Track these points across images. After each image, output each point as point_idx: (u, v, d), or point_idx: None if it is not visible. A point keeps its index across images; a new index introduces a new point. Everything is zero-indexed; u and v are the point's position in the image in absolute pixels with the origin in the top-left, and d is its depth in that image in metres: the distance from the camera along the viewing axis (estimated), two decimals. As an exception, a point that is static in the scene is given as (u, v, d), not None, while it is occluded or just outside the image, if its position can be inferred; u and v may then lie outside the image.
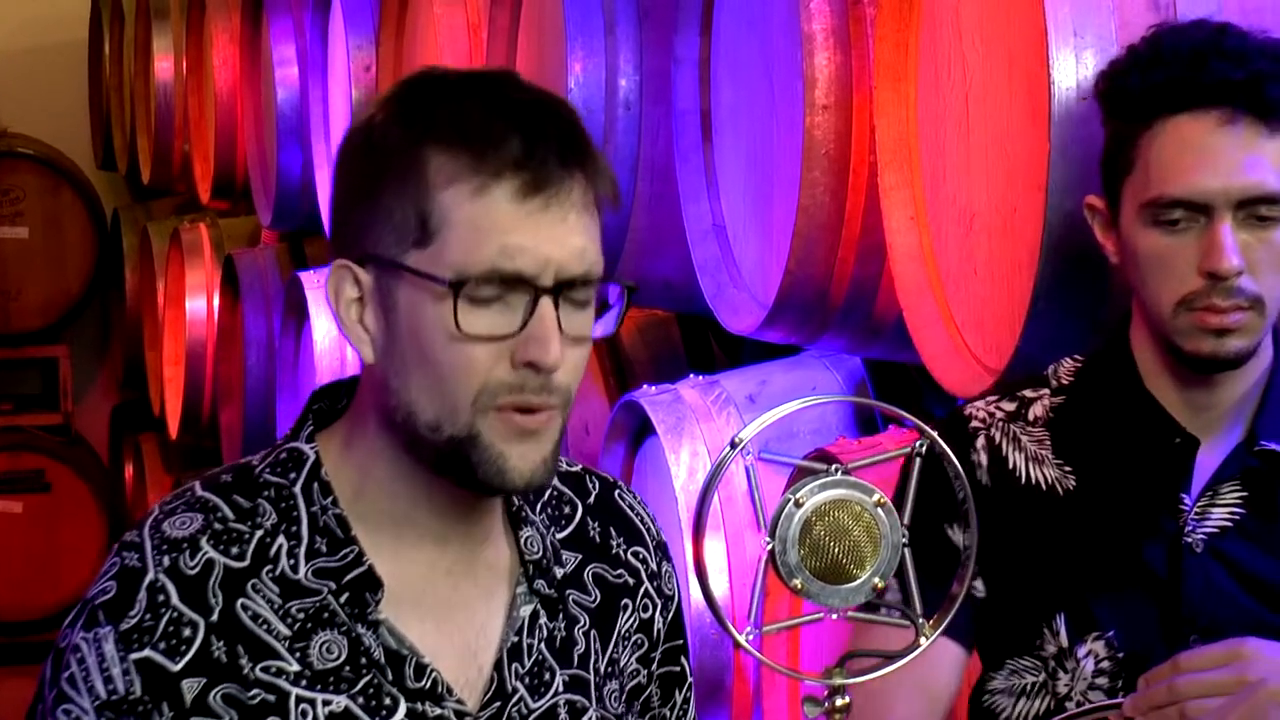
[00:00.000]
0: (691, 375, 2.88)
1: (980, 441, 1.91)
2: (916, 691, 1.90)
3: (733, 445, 1.61)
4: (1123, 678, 1.84)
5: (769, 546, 1.58)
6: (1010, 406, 1.93)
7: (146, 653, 1.43)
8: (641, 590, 1.63)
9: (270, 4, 4.92)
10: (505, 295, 1.43)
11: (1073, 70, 1.97)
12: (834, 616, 1.59)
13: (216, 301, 5.78)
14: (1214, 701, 1.71)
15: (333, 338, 4.42)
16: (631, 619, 1.61)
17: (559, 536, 1.59)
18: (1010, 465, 1.91)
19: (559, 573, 1.56)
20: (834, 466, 1.60)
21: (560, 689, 1.54)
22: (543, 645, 1.54)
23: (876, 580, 1.59)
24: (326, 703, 1.46)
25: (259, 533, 1.48)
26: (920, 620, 1.61)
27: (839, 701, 1.63)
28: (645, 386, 2.86)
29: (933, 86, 2.31)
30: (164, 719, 1.43)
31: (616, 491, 1.65)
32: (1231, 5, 2.00)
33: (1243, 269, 1.76)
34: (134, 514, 6.90)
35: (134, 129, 6.89)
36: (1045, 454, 1.89)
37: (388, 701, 1.47)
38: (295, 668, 1.46)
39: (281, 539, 1.48)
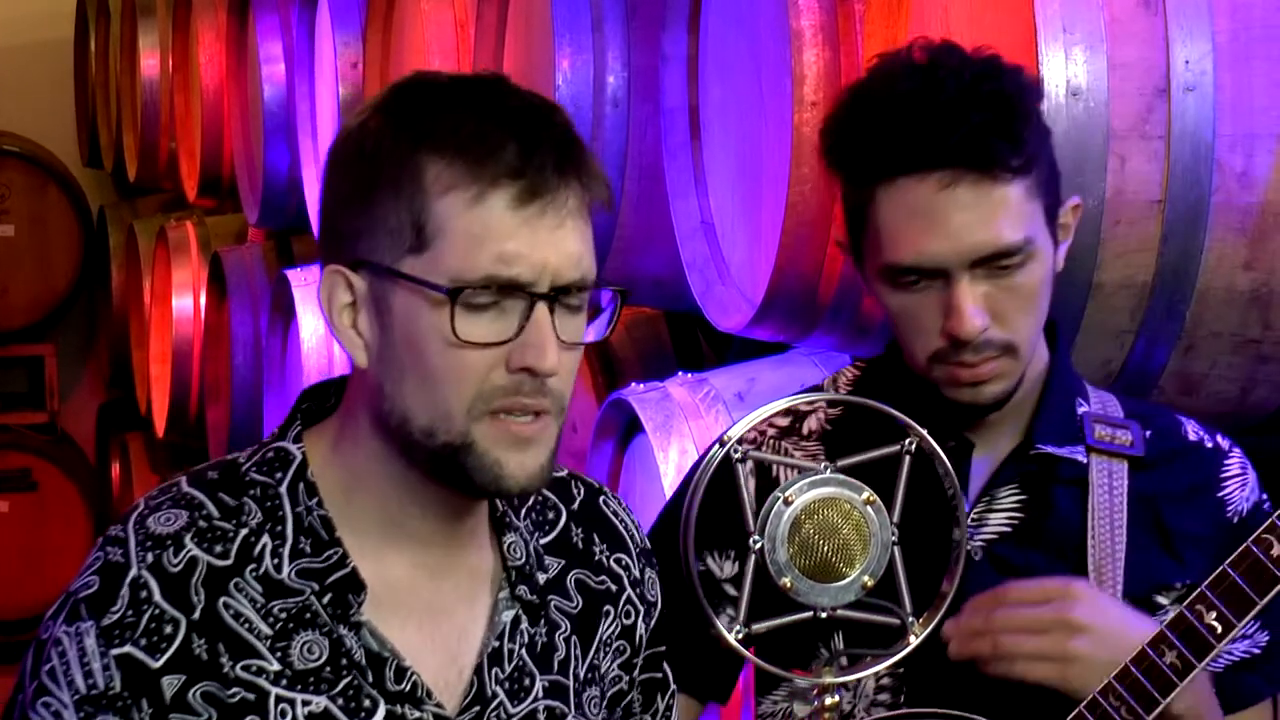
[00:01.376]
0: (680, 373, 2.87)
1: (748, 466, 1.82)
2: None
3: (721, 443, 1.61)
4: (904, 693, 1.80)
5: (758, 545, 1.57)
6: (783, 422, 1.88)
7: (127, 649, 1.43)
8: (624, 597, 1.62)
9: (256, 1, 4.90)
10: (501, 301, 1.43)
11: (1062, 68, 1.97)
12: (823, 615, 1.59)
13: (203, 300, 5.77)
14: (1030, 639, 1.70)
15: (320, 336, 4.41)
16: (613, 625, 1.61)
17: (542, 542, 1.59)
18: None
19: (541, 578, 1.56)
20: (823, 464, 1.59)
21: (540, 695, 1.54)
22: (523, 651, 1.54)
23: (866, 579, 1.58)
24: (306, 703, 1.46)
25: (243, 531, 1.48)
26: (910, 619, 1.61)
27: (828, 700, 1.63)
28: (634, 384, 2.85)
29: (922, 83, 2.31)
30: (143, 715, 1.43)
31: (601, 498, 1.65)
32: (1222, 2, 2.00)
33: (986, 327, 1.72)
34: (120, 513, 6.87)
35: (120, 126, 6.87)
36: None
37: (367, 703, 1.47)
38: (276, 667, 1.45)
39: (266, 538, 1.48)
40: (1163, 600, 1.81)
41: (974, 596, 1.74)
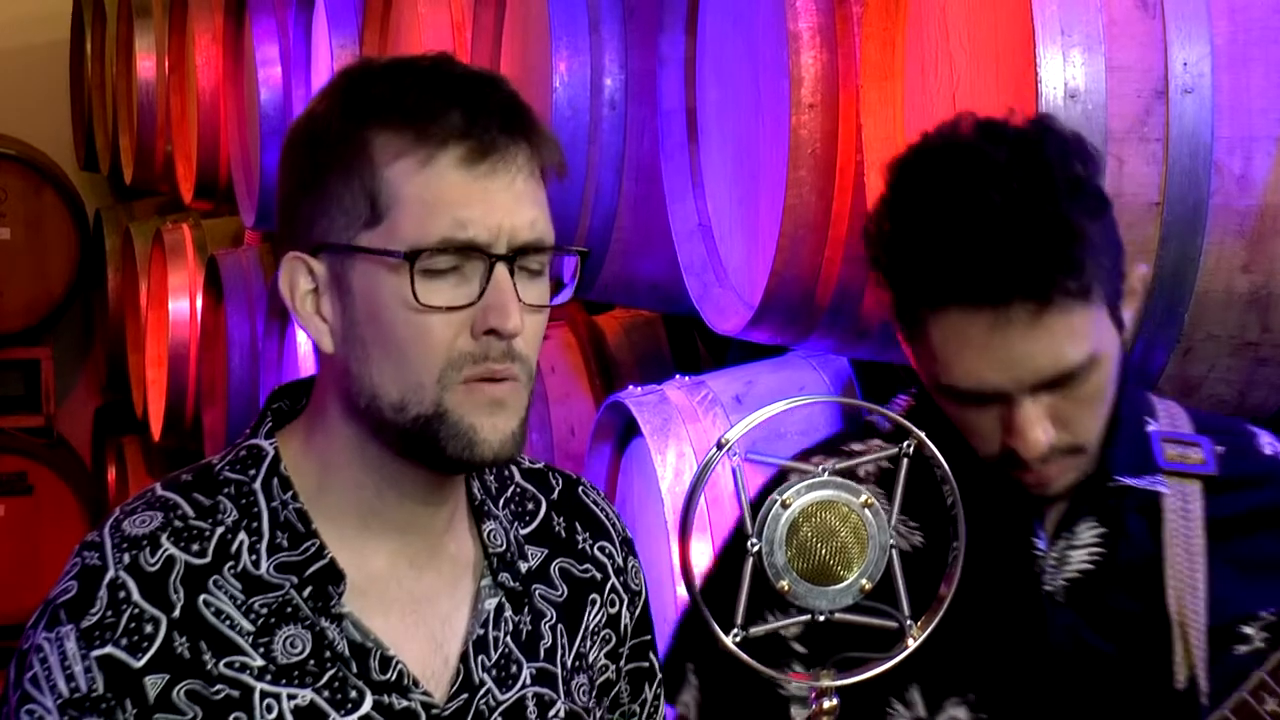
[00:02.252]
0: (678, 376, 2.86)
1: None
2: None
3: (719, 446, 1.60)
4: None
5: (755, 548, 1.57)
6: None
7: (108, 649, 1.43)
8: (608, 586, 1.63)
9: (253, 3, 4.90)
10: (461, 266, 1.43)
11: (1060, 69, 1.96)
12: (821, 618, 1.58)
13: (199, 303, 5.76)
14: None
15: (316, 339, 4.40)
16: (599, 614, 1.62)
17: (523, 532, 1.59)
18: None
19: (524, 567, 1.57)
20: (821, 467, 1.58)
21: (528, 682, 1.54)
22: (508, 638, 1.54)
23: (864, 582, 1.57)
24: (291, 697, 1.46)
25: (220, 529, 1.48)
26: (908, 621, 1.60)
27: (826, 704, 1.62)
28: (631, 387, 2.85)
29: (919, 85, 2.30)
30: (127, 716, 1.43)
31: (580, 488, 1.66)
32: (1220, 4, 1.99)
33: (1052, 441, 1.66)
34: (117, 516, 6.88)
35: (116, 129, 6.87)
36: None
37: (353, 694, 1.47)
38: (259, 663, 1.46)
39: (243, 535, 1.48)
40: (1248, 630, 1.74)
41: None
